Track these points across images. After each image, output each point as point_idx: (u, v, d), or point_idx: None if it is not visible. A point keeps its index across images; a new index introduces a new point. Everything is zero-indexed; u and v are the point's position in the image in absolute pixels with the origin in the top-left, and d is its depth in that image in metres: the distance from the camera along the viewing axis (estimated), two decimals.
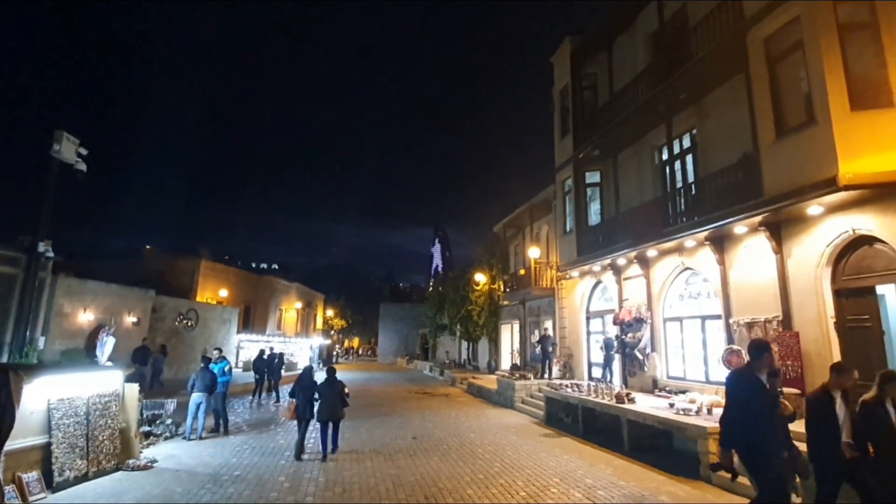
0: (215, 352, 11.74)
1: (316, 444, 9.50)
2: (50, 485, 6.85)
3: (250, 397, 17.50)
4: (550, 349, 16.92)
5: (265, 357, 18.25)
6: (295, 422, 9.48)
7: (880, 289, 8.17)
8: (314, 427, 9.64)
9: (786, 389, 8.58)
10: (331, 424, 9.17)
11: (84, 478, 7.34)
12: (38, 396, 7.06)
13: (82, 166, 11.57)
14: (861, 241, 8.04)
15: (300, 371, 10.04)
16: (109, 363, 12.78)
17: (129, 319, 17.53)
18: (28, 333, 11.57)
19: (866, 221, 7.81)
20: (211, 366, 10.89)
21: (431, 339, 40.73)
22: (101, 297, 16.30)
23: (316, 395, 9.37)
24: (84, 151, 11.55)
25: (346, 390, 9.56)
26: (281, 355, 19.03)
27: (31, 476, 6.66)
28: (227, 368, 11.26)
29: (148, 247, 29.12)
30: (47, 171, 11.05)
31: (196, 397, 10.14)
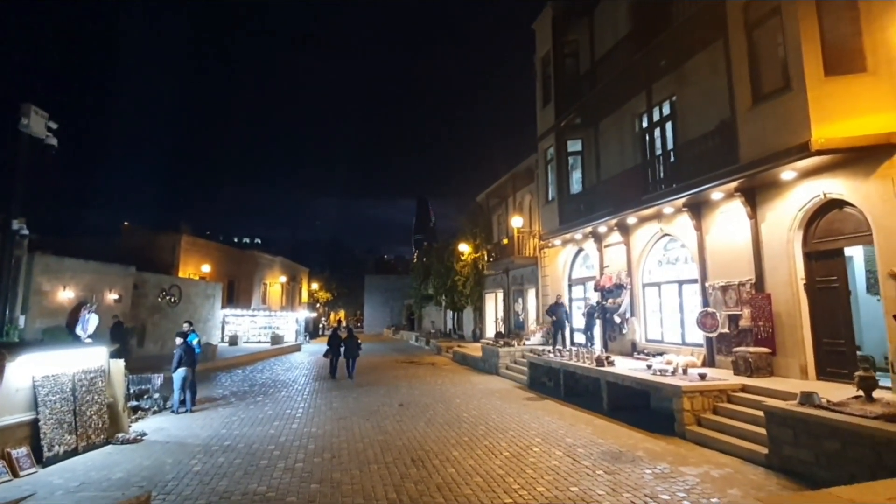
0: (185, 325, 11.58)
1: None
2: (40, 460, 6.90)
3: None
4: (564, 317, 15.23)
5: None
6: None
7: (848, 251, 8.48)
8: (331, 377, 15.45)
9: (757, 349, 9.00)
10: (351, 360, 15.71)
11: (74, 452, 7.40)
12: (22, 374, 7.04)
13: (53, 141, 11.15)
14: (831, 205, 8.29)
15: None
16: (90, 340, 12.69)
17: (111, 297, 17.37)
18: (7, 312, 11.39)
19: (837, 186, 8.03)
20: (189, 338, 10.88)
21: (417, 310, 41.10)
22: (81, 275, 16.08)
23: (342, 345, 15.83)
24: (54, 125, 11.16)
25: (360, 341, 16.43)
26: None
27: (21, 451, 6.70)
28: (195, 342, 11.10)
29: (126, 223, 28.43)
30: (17, 147, 10.70)
31: (181, 372, 10.21)
